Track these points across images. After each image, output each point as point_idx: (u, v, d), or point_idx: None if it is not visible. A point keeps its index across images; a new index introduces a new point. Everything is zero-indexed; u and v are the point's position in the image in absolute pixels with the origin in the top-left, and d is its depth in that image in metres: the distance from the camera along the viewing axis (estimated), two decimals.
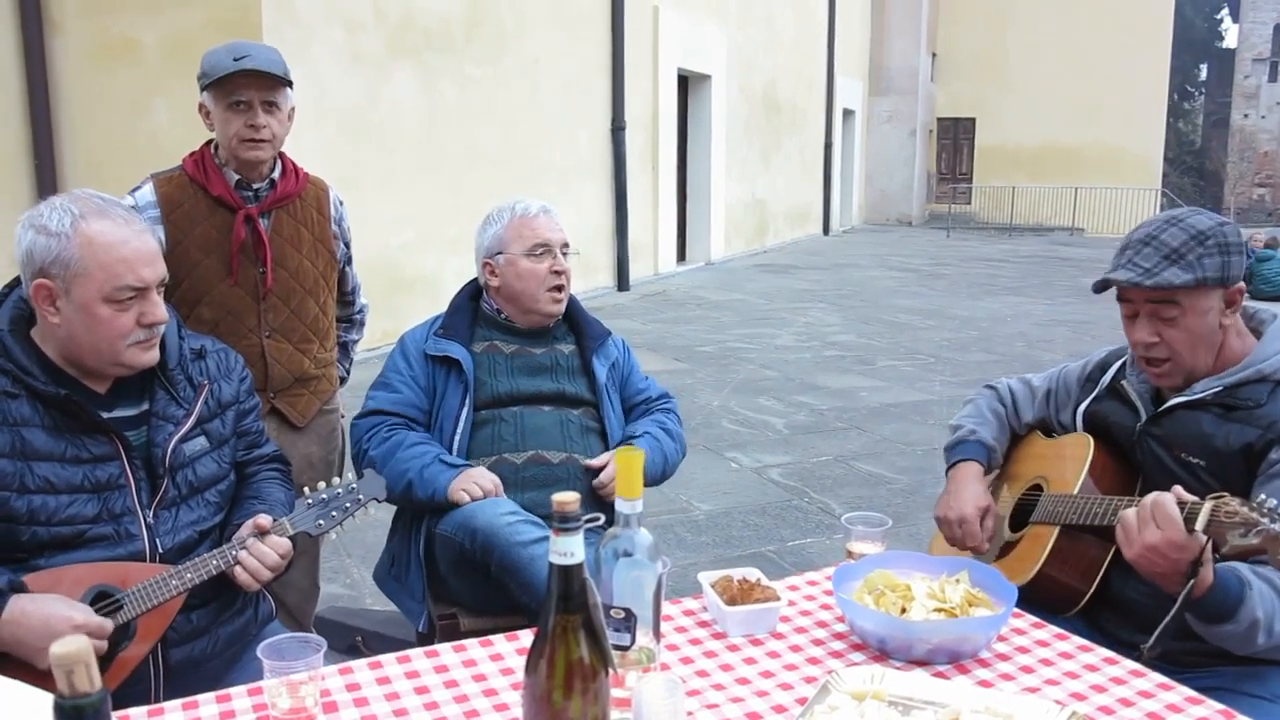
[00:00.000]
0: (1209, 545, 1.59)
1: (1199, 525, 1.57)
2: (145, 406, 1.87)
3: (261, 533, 1.83)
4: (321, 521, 1.91)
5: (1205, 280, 1.83)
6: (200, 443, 1.92)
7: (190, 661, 1.85)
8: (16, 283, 1.84)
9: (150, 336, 1.80)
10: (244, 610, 1.97)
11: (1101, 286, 1.93)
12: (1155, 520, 1.63)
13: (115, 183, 2.88)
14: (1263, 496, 1.54)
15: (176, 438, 1.86)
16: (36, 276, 1.74)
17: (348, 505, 1.93)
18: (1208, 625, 1.69)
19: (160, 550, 1.81)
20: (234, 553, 1.81)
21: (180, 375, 1.92)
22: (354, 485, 1.95)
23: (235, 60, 2.41)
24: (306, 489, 1.95)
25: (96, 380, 1.83)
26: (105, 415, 1.81)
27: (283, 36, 6.97)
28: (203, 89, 2.47)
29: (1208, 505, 1.57)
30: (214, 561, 1.80)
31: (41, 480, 1.72)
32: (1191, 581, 1.61)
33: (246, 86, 2.43)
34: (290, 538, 1.87)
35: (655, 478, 2.51)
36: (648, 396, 2.65)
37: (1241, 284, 1.87)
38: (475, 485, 2.27)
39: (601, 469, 2.40)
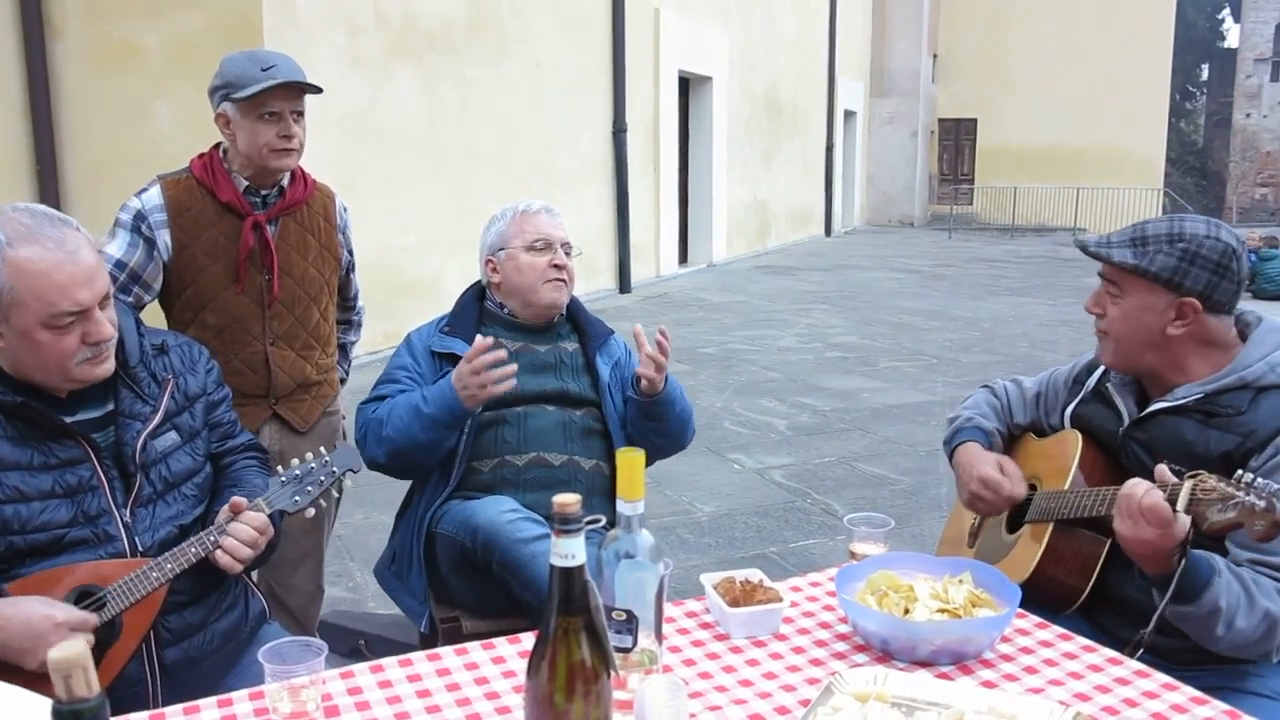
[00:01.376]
0: (1190, 527, 1.61)
1: (1180, 506, 1.59)
2: (110, 407, 1.85)
3: (237, 513, 1.81)
4: (298, 498, 1.88)
5: (1145, 272, 1.85)
6: (171, 438, 1.90)
7: (186, 660, 1.84)
8: None
9: (99, 353, 1.76)
10: (235, 605, 1.96)
11: (1080, 248, 2.01)
12: (1149, 523, 1.64)
13: (117, 187, 2.89)
14: (1239, 472, 1.56)
15: (145, 434, 1.85)
16: None
17: (322, 479, 1.90)
18: (1170, 604, 1.69)
19: (141, 548, 1.80)
20: (211, 539, 1.79)
21: (143, 372, 1.90)
22: (327, 459, 1.92)
23: (264, 70, 2.40)
24: (280, 468, 1.92)
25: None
26: (69, 419, 1.78)
27: (283, 40, 6.98)
28: (224, 99, 2.44)
29: (1187, 485, 1.60)
30: (193, 549, 1.78)
31: (11, 490, 1.71)
32: (1182, 561, 1.63)
33: (278, 97, 2.42)
34: (269, 516, 1.85)
35: (682, 414, 2.56)
36: None
37: (1196, 301, 1.84)
38: (470, 364, 2.25)
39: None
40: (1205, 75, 43.06)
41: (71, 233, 1.74)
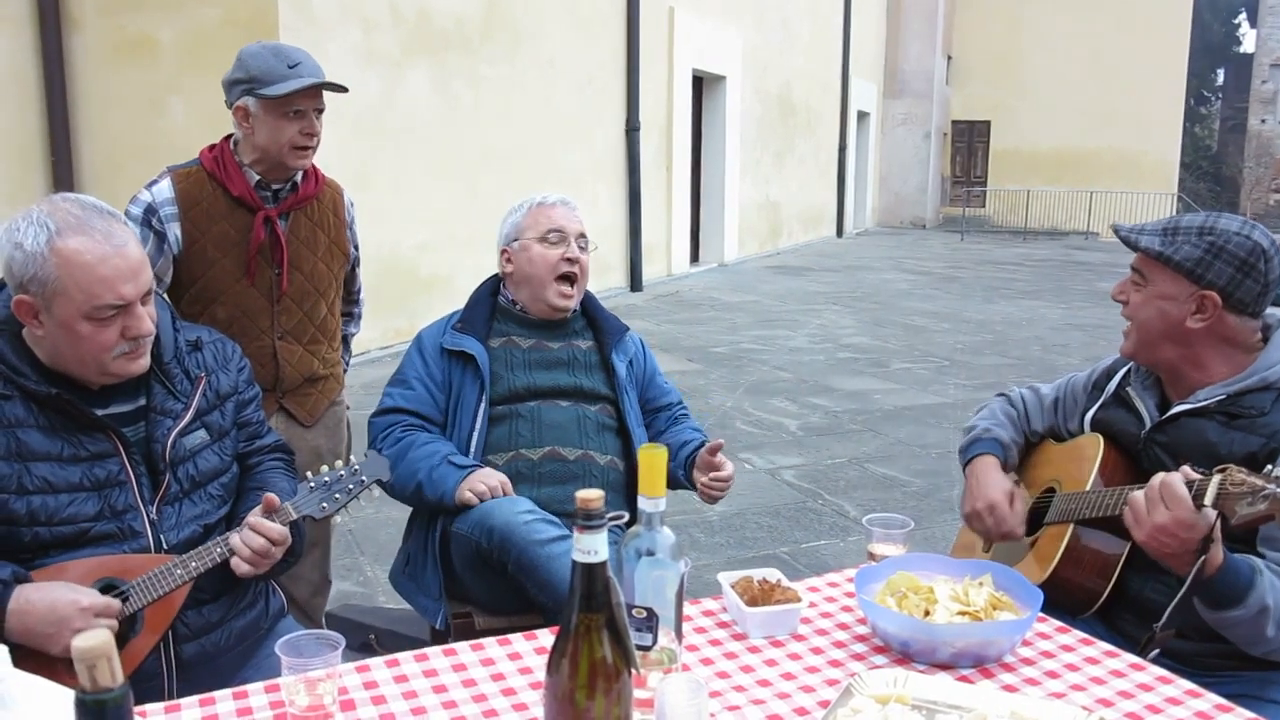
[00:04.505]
0: (1218, 522, 1.59)
1: (1208, 500, 1.58)
2: (141, 401, 1.84)
3: (271, 510, 1.80)
4: (325, 504, 1.88)
5: (1169, 260, 1.84)
6: (200, 436, 1.89)
7: (203, 656, 1.84)
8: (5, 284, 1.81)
9: (136, 348, 1.76)
10: (255, 603, 1.96)
11: (1114, 230, 2.00)
12: (1164, 500, 1.63)
13: (131, 180, 2.88)
14: (1269, 467, 1.54)
15: (175, 432, 1.84)
16: (17, 292, 1.70)
17: (351, 487, 1.90)
18: (1215, 611, 1.68)
19: (165, 546, 1.79)
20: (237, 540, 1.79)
21: (176, 368, 1.89)
22: (356, 467, 1.92)
23: (290, 68, 2.39)
24: (309, 473, 1.92)
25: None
26: (100, 412, 1.78)
27: (299, 36, 6.98)
28: (246, 94, 2.42)
29: (1215, 479, 1.58)
30: (216, 550, 1.77)
31: (40, 481, 1.70)
32: (1202, 558, 1.60)
33: (303, 96, 2.42)
34: (294, 522, 1.84)
35: None
36: (670, 402, 2.66)
37: (1216, 295, 1.82)
38: (481, 484, 2.25)
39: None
40: (1220, 80, 42.84)
41: (119, 226, 1.74)
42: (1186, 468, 1.66)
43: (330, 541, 2.85)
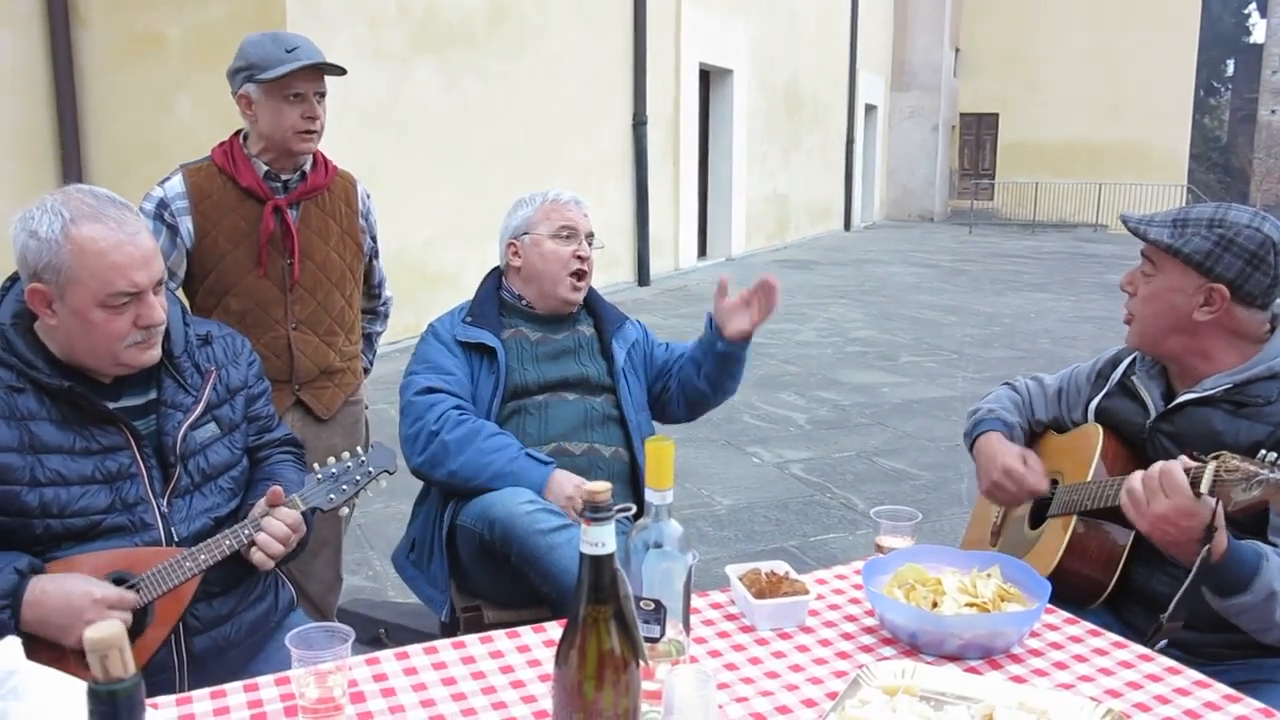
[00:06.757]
0: (1219, 508, 1.59)
1: (1204, 487, 1.58)
2: (153, 395, 1.86)
3: (275, 504, 1.81)
4: (333, 496, 1.89)
5: (1178, 252, 1.83)
6: (210, 429, 1.90)
7: (214, 649, 1.84)
8: (19, 276, 1.82)
9: (148, 337, 1.77)
10: (265, 596, 1.97)
11: (1123, 221, 1.99)
12: (1163, 489, 1.63)
13: (139, 178, 2.90)
14: (1263, 451, 1.54)
15: (186, 425, 1.85)
16: (31, 280, 1.71)
17: (358, 478, 1.91)
18: (1222, 599, 1.67)
19: (176, 539, 1.80)
20: (245, 532, 1.79)
21: (187, 362, 1.90)
22: (364, 458, 1.93)
23: (288, 52, 2.41)
24: (316, 465, 1.93)
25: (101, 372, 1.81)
26: (112, 405, 1.79)
27: (306, 32, 6.87)
28: (247, 80, 2.45)
29: (1210, 466, 1.58)
30: (227, 542, 1.78)
31: (52, 473, 1.71)
32: (1207, 547, 1.60)
33: (302, 78, 2.44)
34: (302, 513, 1.85)
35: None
36: (681, 354, 2.65)
37: (1224, 288, 1.81)
38: (570, 487, 2.26)
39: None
40: (1230, 71, 42.61)
41: (132, 216, 1.76)
42: (1184, 457, 1.66)
43: (342, 540, 2.87)
